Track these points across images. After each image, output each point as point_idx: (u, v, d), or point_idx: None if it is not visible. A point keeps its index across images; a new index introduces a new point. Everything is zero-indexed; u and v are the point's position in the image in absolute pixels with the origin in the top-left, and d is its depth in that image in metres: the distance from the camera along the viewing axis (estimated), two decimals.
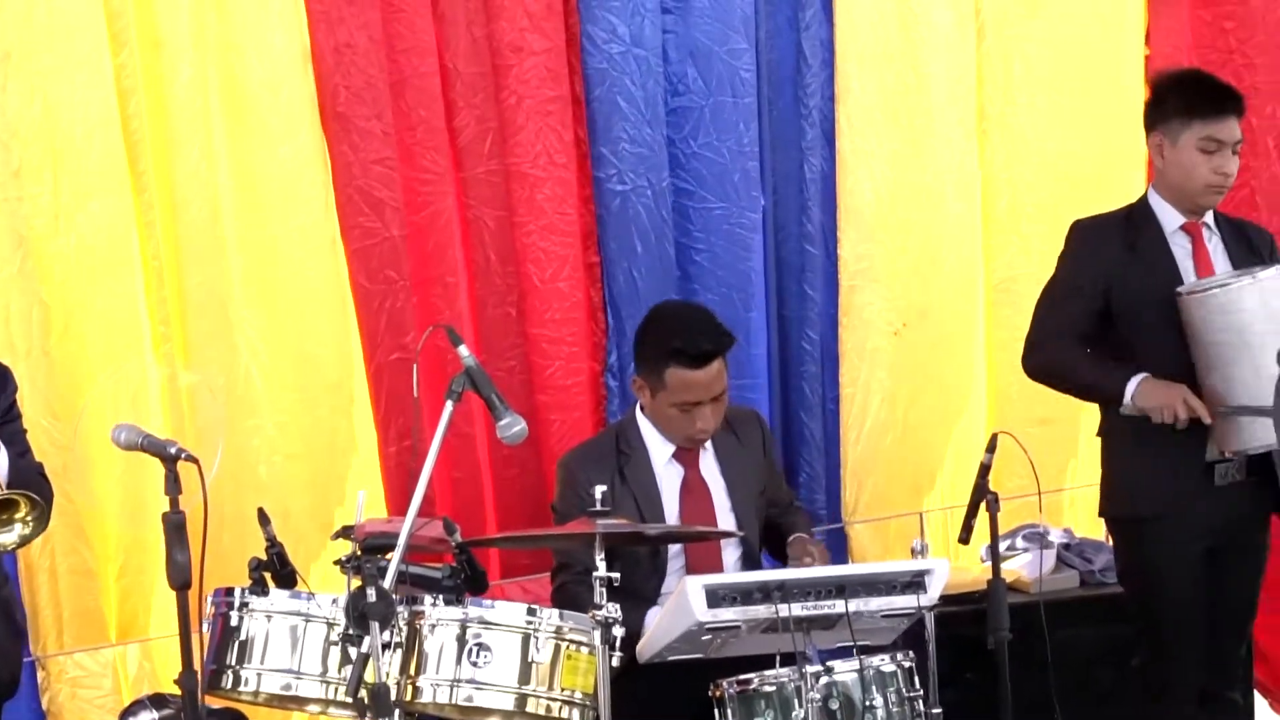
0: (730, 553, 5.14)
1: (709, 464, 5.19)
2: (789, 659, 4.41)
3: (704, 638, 4.50)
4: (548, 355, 5.77)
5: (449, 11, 5.60)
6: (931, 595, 4.56)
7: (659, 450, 5.15)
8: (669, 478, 5.15)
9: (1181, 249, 5.18)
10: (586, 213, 5.87)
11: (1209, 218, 5.23)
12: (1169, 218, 5.18)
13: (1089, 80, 6.41)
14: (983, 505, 4.89)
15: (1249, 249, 5.25)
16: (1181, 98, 5.15)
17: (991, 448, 4.96)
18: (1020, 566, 5.89)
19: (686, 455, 5.16)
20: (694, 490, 5.15)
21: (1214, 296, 4.91)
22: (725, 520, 5.13)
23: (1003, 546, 6.08)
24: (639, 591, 4.99)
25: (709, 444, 5.19)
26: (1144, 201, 5.27)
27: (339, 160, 5.46)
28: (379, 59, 5.46)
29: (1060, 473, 6.35)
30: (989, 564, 5.92)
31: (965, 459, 6.08)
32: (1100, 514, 5.40)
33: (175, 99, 5.22)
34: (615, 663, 4.37)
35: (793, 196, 6.07)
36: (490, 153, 5.69)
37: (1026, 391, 5.74)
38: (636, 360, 5.25)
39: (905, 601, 4.54)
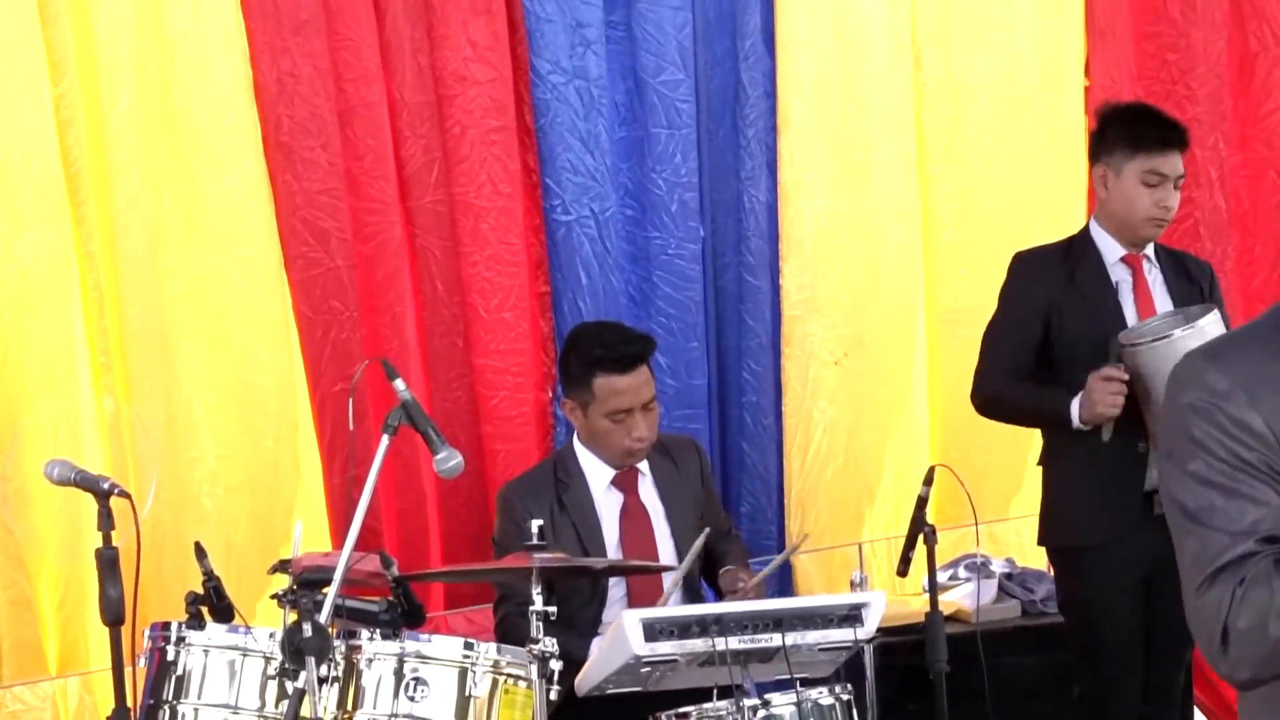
0: (671, 581, 5.15)
1: (648, 490, 5.21)
2: (726, 692, 4.43)
3: (642, 670, 4.51)
4: (493, 386, 5.76)
5: (395, 40, 5.60)
6: (869, 628, 4.57)
7: (597, 477, 5.17)
8: (608, 504, 5.17)
9: (1122, 281, 5.22)
10: (536, 242, 5.88)
11: (1149, 250, 5.27)
12: (1109, 249, 5.22)
13: (1030, 111, 6.45)
14: (920, 538, 4.90)
15: (1188, 281, 5.29)
16: (1126, 130, 5.19)
17: (929, 480, 5.00)
18: (962, 597, 5.91)
19: (625, 481, 5.18)
20: (633, 516, 5.16)
21: (1155, 349, 4.92)
22: (664, 546, 5.15)
23: (945, 576, 6.13)
24: (579, 620, 5.00)
25: (647, 470, 5.20)
26: (1085, 233, 5.32)
27: (282, 190, 5.44)
28: (325, 88, 5.45)
29: (1004, 502, 6.38)
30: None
31: (910, 488, 6.08)
32: (1039, 543, 5.44)
33: (115, 129, 5.20)
34: (553, 695, 4.39)
35: (732, 227, 6.09)
36: (437, 182, 5.69)
37: (970, 421, 5.75)
38: (564, 383, 5.29)
39: (843, 635, 4.55)
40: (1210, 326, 4.86)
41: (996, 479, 6.26)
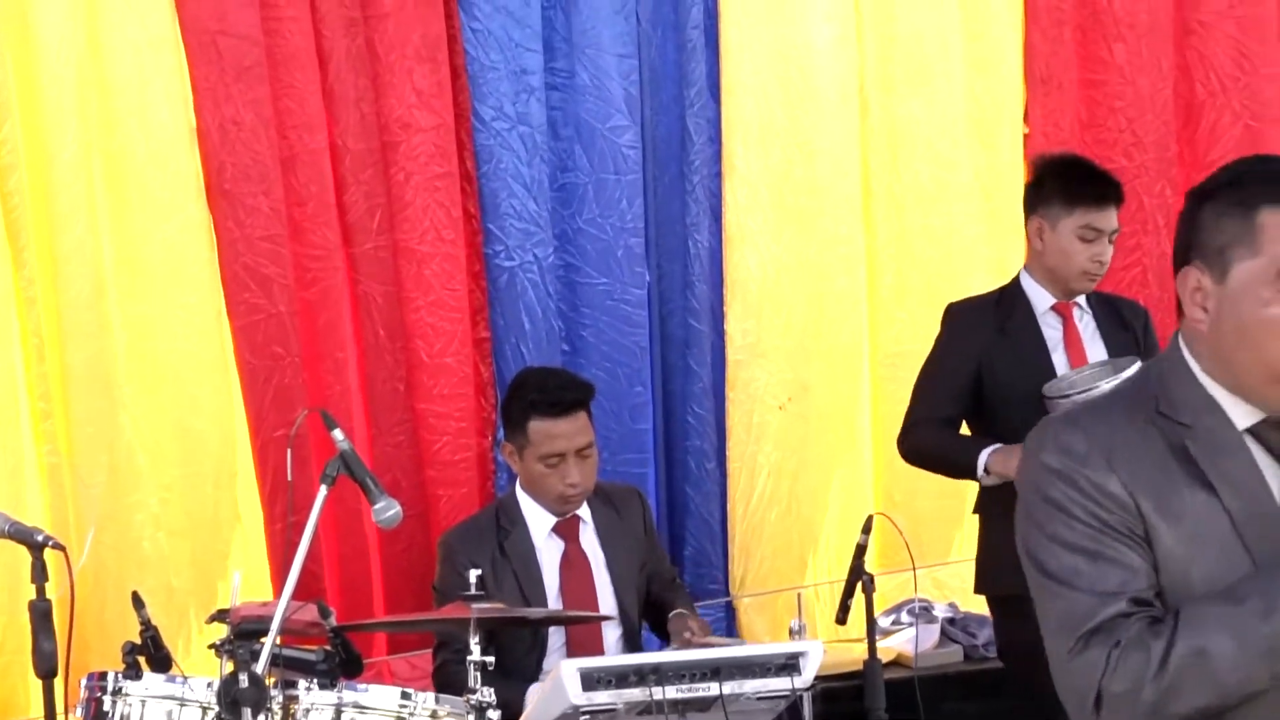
0: (611, 630, 5.16)
1: (589, 538, 5.21)
2: None
3: (582, 719, 4.51)
4: (435, 431, 5.78)
5: (338, 88, 5.62)
6: (806, 677, 4.57)
7: (539, 524, 5.17)
8: (549, 551, 5.17)
9: (1052, 330, 5.24)
10: (477, 288, 5.90)
11: (1080, 297, 5.30)
12: (1040, 299, 5.24)
13: (970, 157, 6.49)
14: (859, 586, 4.92)
15: (1122, 327, 5.32)
16: (1064, 184, 5.19)
17: (867, 529, 5.01)
18: (904, 641, 5.93)
19: (566, 529, 5.19)
20: (574, 564, 5.17)
21: (1076, 403, 4.94)
22: (605, 594, 5.16)
23: (888, 621, 6.16)
24: (520, 667, 5.00)
25: (589, 518, 5.21)
26: (1015, 283, 5.33)
27: (225, 237, 5.46)
28: (267, 135, 5.47)
29: (947, 546, 6.40)
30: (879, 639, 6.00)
31: (855, 532, 6.10)
32: (976, 591, 5.46)
33: (58, 175, 5.21)
34: None
35: (678, 272, 6.12)
36: (379, 228, 5.72)
37: (913, 468, 5.79)
38: (504, 426, 5.30)
39: (780, 684, 4.55)
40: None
41: (940, 523, 6.28)
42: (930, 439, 5.26)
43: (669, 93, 6.10)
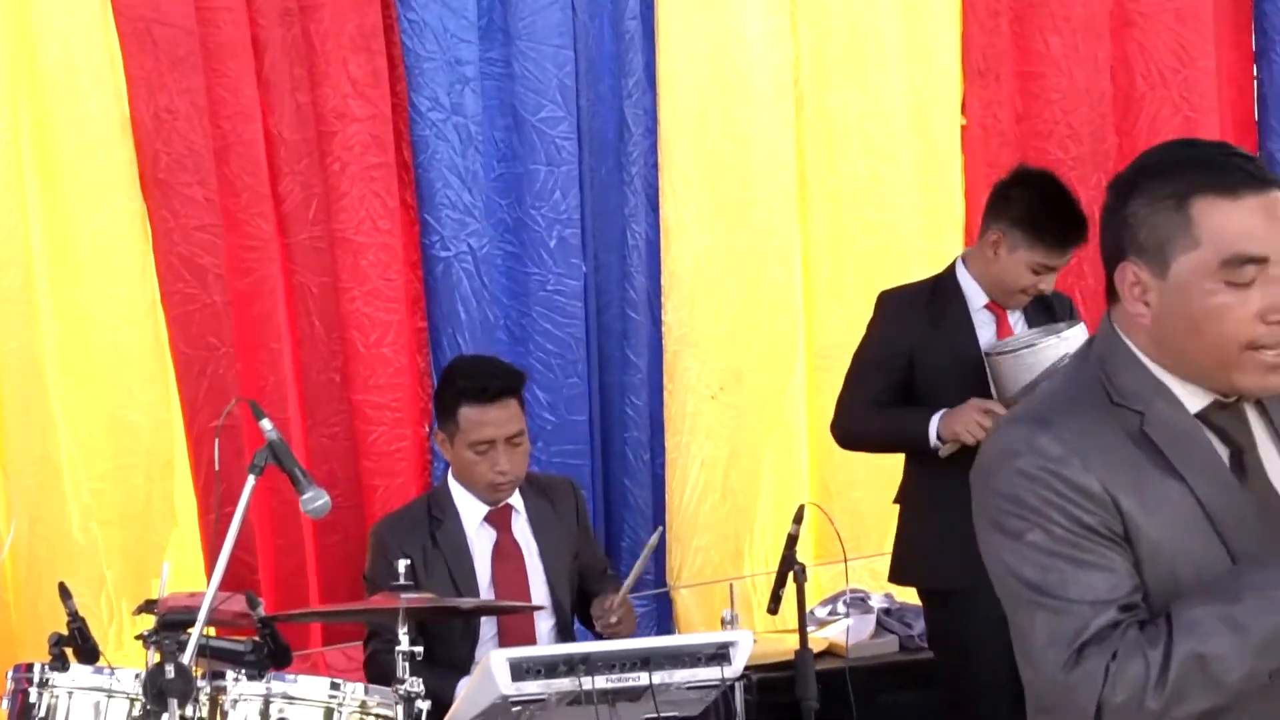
0: (544, 621, 5.16)
1: (521, 527, 5.21)
2: None
3: (513, 710, 4.51)
4: (371, 421, 5.76)
5: (273, 77, 5.61)
6: (736, 667, 4.58)
7: (471, 514, 5.17)
8: (481, 541, 5.17)
9: (984, 326, 5.23)
10: (415, 278, 5.89)
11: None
12: (975, 294, 5.23)
13: (907, 149, 6.50)
14: (791, 576, 4.93)
15: (1050, 317, 5.33)
16: (1033, 223, 5.06)
17: (798, 519, 5.02)
18: (840, 632, 5.94)
19: (499, 518, 5.19)
20: (506, 554, 5.17)
21: (1021, 356, 4.97)
22: (537, 584, 5.16)
23: (824, 612, 6.18)
24: (452, 657, 5.01)
25: (521, 508, 5.21)
26: (951, 273, 5.29)
27: (160, 226, 5.44)
28: (202, 125, 5.45)
29: (883, 536, 6.37)
30: (812, 630, 6.01)
31: (789, 523, 6.12)
32: (890, 579, 5.47)
33: None
34: None
35: (615, 263, 6.11)
36: (315, 219, 5.70)
37: (848, 457, 5.80)
38: (436, 415, 5.29)
39: (710, 673, 4.55)
40: (1075, 337, 4.90)
41: (876, 514, 6.28)
42: (869, 418, 5.23)
43: (606, 84, 6.09)
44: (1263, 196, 2.41)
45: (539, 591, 5.15)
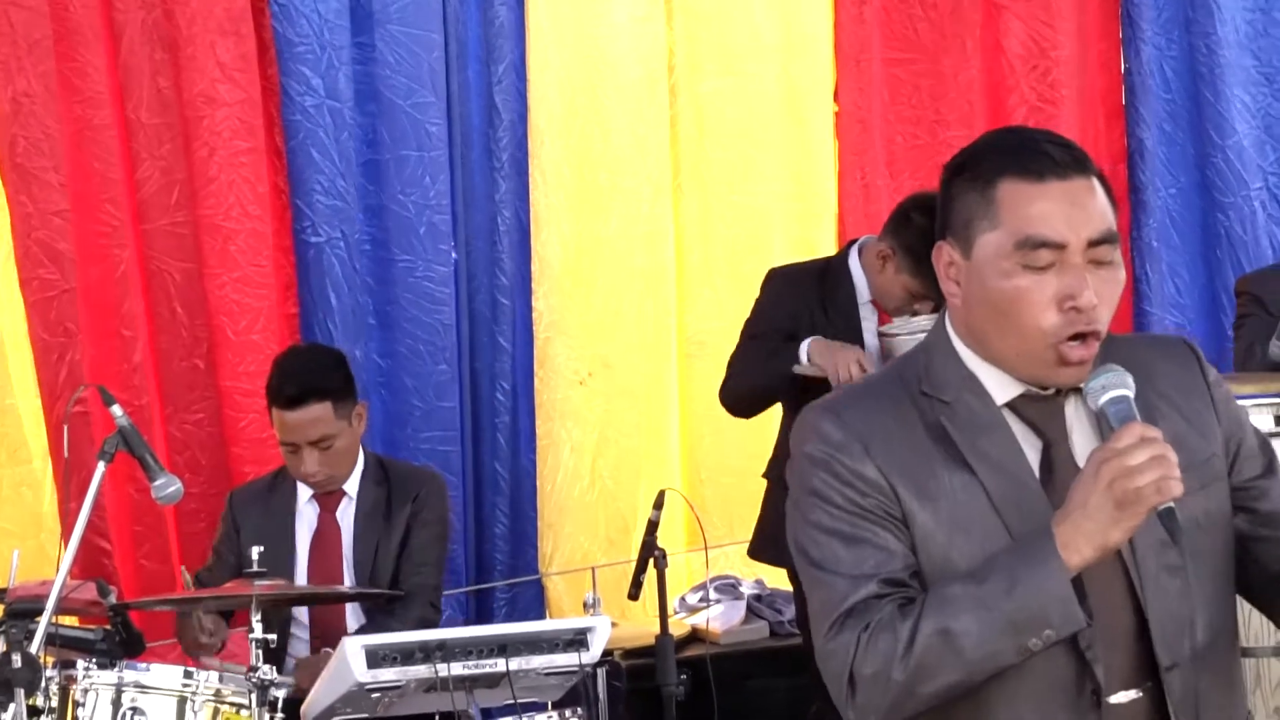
0: (355, 612, 5.15)
1: (347, 512, 5.18)
2: (450, 718, 4.42)
3: (373, 696, 4.49)
4: (241, 408, 5.72)
5: (131, 62, 5.55)
6: (594, 653, 4.57)
7: (303, 490, 5.16)
8: (306, 517, 5.17)
9: (868, 320, 5.24)
10: (287, 264, 5.85)
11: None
12: (863, 287, 5.23)
13: (780, 136, 6.51)
14: (651, 561, 4.93)
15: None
16: (919, 256, 4.86)
17: (659, 504, 5.02)
18: (711, 619, 5.96)
19: (326, 500, 5.17)
20: (324, 536, 5.15)
21: (912, 339, 4.96)
22: (347, 570, 5.14)
23: (695, 598, 6.19)
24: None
25: (354, 494, 5.18)
26: (844, 260, 5.27)
27: (18, 211, 5.40)
28: (56, 110, 5.39)
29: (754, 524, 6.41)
30: (682, 616, 6.04)
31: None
32: (749, 554, 5.48)
33: None
34: None
35: (485, 250, 6.10)
36: (177, 205, 5.66)
37: (719, 443, 5.82)
38: None
39: (568, 659, 4.54)
40: None
41: (747, 500, 6.26)
42: (750, 359, 5.18)
43: (475, 70, 6.06)
44: (1066, 183, 2.44)
45: (348, 575, 5.10)
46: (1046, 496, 2.44)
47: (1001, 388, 2.50)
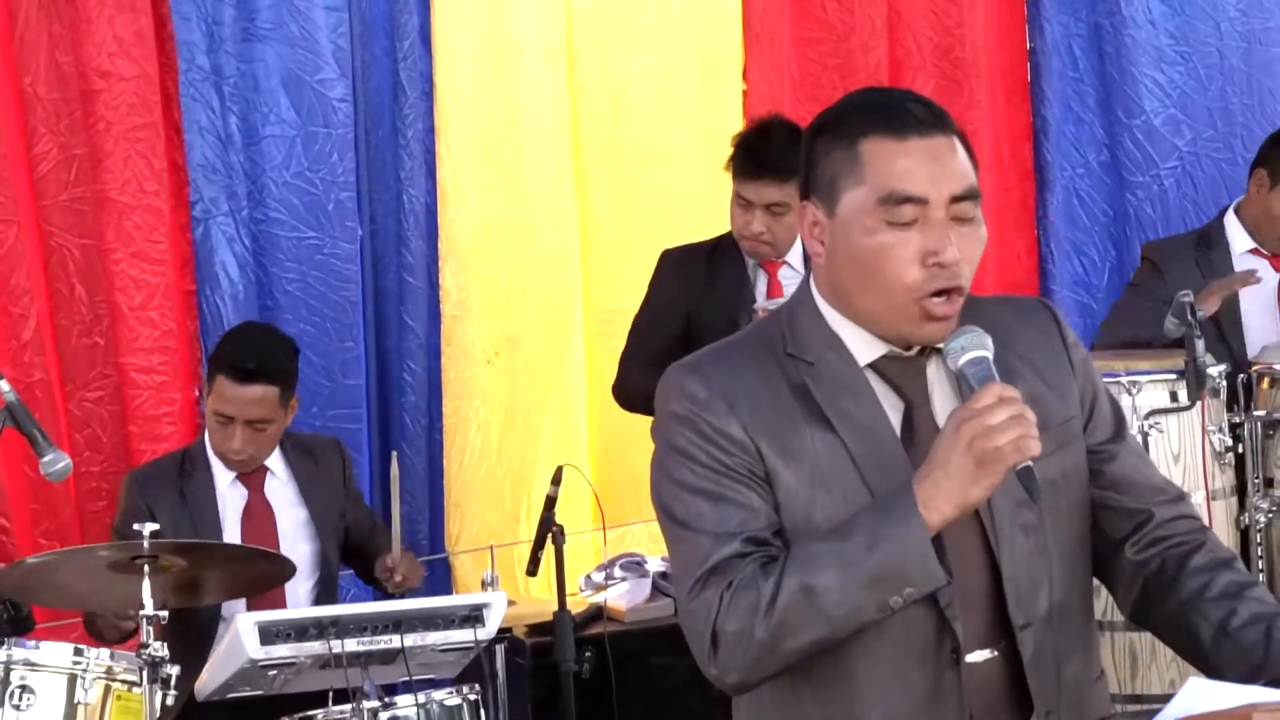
0: (303, 581, 5.10)
1: (276, 488, 5.16)
2: (344, 695, 4.40)
3: (269, 674, 4.46)
4: (138, 385, 5.67)
5: (29, 35, 5.48)
6: (490, 629, 4.57)
7: (223, 472, 5.12)
8: (232, 499, 5.13)
9: (760, 284, 5.28)
10: (184, 240, 5.80)
11: (791, 255, 5.32)
12: (753, 263, 5.29)
13: (687, 113, 6.49)
14: (550, 537, 4.92)
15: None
16: (734, 155, 5.26)
17: (556, 480, 5.02)
18: (617, 596, 5.94)
19: (250, 479, 5.14)
20: (256, 514, 5.12)
21: None
22: (294, 544, 5.11)
23: (601, 576, 6.17)
24: (195, 618, 4.93)
25: (280, 469, 5.16)
26: (729, 234, 5.37)
27: None
28: None
29: None
30: (587, 594, 6.03)
31: (570, 487, 6.10)
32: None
33: None
34: (170, 701, 4.32)
35: (392, 227, 6.06)
36: (76, 180, 5.59)
37: (628, 421, 5.78)
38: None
39: (463, 635, 4.54)
40: None
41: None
42: (645, 379, 5.21)
43: (380, 45, 6.01)
44: (927, 140, 2.45)
45: (295, 551, 5.07)
46: (908, 457, 2.45)
47: (865, 348, 2.50)
